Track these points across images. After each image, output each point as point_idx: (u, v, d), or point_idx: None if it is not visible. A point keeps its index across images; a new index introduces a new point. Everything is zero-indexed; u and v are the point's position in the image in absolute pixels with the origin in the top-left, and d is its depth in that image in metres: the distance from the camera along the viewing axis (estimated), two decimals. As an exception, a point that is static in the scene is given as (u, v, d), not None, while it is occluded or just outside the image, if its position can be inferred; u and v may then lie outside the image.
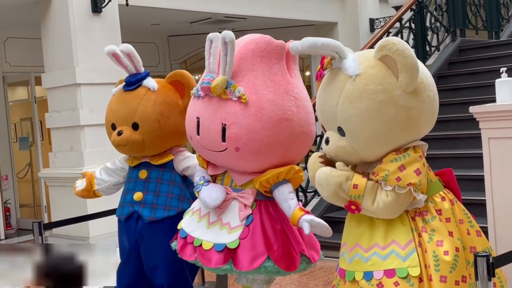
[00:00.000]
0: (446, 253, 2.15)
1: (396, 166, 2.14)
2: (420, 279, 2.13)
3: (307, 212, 2.58)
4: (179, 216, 3.10)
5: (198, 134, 2.73)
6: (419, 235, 2.20)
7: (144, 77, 3.17)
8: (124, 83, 3.22)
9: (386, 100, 2.12)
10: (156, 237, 3.13)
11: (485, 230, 3.83)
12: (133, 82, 3.16)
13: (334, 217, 5.35)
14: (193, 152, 3.12)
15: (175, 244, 2.87)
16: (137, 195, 3.13)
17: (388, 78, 2.14)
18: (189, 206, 3.13)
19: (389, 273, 2.15)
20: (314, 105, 2.51)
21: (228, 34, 2.54)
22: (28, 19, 7.23)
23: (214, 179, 2.87)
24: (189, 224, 2.82)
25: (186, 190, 3.21)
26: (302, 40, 2.21)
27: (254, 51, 2.65)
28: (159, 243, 3.12)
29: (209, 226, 2.73)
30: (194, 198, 3.22)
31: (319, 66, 2.38)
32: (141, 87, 3.14)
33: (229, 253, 2.63)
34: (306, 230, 2.49)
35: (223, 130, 2.61)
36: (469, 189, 4.82)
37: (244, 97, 2.57)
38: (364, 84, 2.14)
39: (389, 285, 2.13)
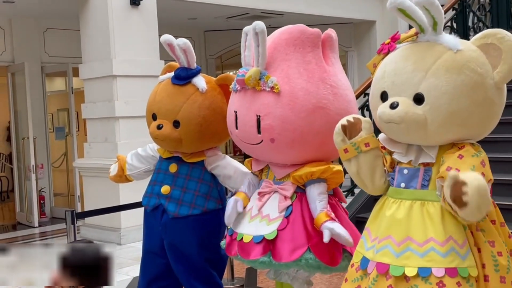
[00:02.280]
0: (499, 254, 2.08)
1: (478, 161, 2.07)
2: (476, 280, 2.06)
3: (332, 219, 2.52)
4: (204, 215, 3.08)
5: (236, 128, 2.71)
6: (472, 234, 2.12)
7: (195, 74, 3.08)
8: (173, 75, 3.13)
9: (480, 83, 2.08)
10: (179, 234, 3.10)
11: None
12: (183, 77, 3.07)
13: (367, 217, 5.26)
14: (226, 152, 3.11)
15: (223, 243, 2.86)
16: (165, 189, 3.11)
17: (487, 65, 2.10)
18: (216, 206, 3.13)
19: (451, 272, 2.04)
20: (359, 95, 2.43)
21: (259, 24, 2.50)
22: (67, 10, 7.32)
23: (260, 174, 2.85)
24: (236, 221, 2.81)
25: (215, 189, 3.17)
26: None
27: (288, 40, 2.61)
28: (181, 240, 3.10)
29: (250, 220, 2.70)
30: (222, 197, 3.20)
31: (388, 40, 2.29)
32: (190, 84, 3.06)
33: (268, 245, 2.58)
34: (325, 238, 2.46)
35: (258, 122, 2.58)
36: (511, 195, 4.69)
37: (276, 87, 2.53)
38: (466, 60, 2.09)
39: (452, 285, 2.03)
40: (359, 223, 2.45)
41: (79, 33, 6.82)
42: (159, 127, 3.04)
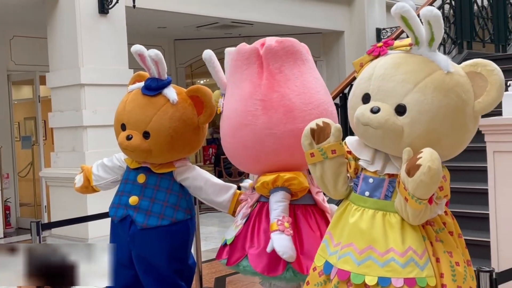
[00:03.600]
0: (457, 264, 2.13)
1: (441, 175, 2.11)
2: None
3: (279, 230, 2.57)
4: (173, 226, 3.07)
5: None
6: (431, 244, 2.16)
7: (165, 85, 3.07)
8: (143, 85, 3.10)
9: (462, 109, 2.12)
10: (148, 245, 3.07)
11: (487, 245, 3.82)
12: (154, 88, 3.05)
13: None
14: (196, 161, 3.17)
15: (224, 262, 2.83)
16: (133, 199, 3.08)
17: (470, 93, 2.15)
18: (184, 216, 3.13)
19: (410, 282, 2.09)
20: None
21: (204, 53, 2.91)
22: (35, 18, 7.24)
23: None
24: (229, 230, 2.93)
25: (183, 199, 3.16)
26: (432, 9, 2.09)
27: (232, 62, 2.82)
28: (150, 251, 3.07)
29: (235, 228, 2.88)
30: (190, 207, 3.19)
31: (381, 43, 2.30)
32: (161, 95, 3.04)
33: (228, 249, 2.79)
34: (268, 247, 2.59)
35: None
36: (473, 203, 4.79)
37: (219, 109, 2.90)
38: (454, 83, 2.12)
39: None
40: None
41: (47, 41, 6.75)
42: (129, 137, 3.01)
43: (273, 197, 2.67)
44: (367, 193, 2.25)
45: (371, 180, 2.25)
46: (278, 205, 2.64)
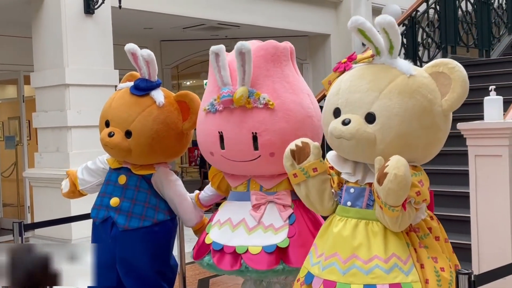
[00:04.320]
0: (442, 269, 2.16)
1: (417, 180, 2.14)
2: None
3: None
4: (154, 227, 3.08)
5: (222, 148, 2.75)
6: (415, 250, 2.19)
7: (154, 87, 3.08)
8: (132, 84, 3.11)
9: (429, 109, 2.17)
10: (130, 246, 3.07)
11: (468, 247, 3.86)
12: (142, 88, 3.06)
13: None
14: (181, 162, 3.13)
15: (209, 259, 2.83)
16: (114, 201, 3.07)
17: (436, 92, 2.20)
18: (165, 217, 3.12)
19: (395, 287, 2.12)
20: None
21: (245, 45, 2.61)
22: (19, 17, 7.17)
23: (234, 188, 2.95)
24: (221, 235, 2.83)
25: (162, 201, 3.17)
26: (385, 16, 2.14)
27: (265, 57, 2.72)
28: (132, 252, 3.07)
29: (250, 231, 2.77)
30: (169, 208, 3.19)
31: (345, 59, 2.38)
32: (148, 96, 3.05)
33: (279, 254, 2.69)
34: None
35: (254, 138, 2.67)
36: (454, 206, 4.84)
37: (270, 103, 2.65)
38: (418, 86, 2.17)
39: None
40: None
41: (31, 40, 6.70)
42: (110, 134, 3.01)
43: None
44: (349, 203, 2.30)
45: (352, 190, 2.30)
46: None
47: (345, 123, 2.18)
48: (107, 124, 3.08)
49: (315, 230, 2.69)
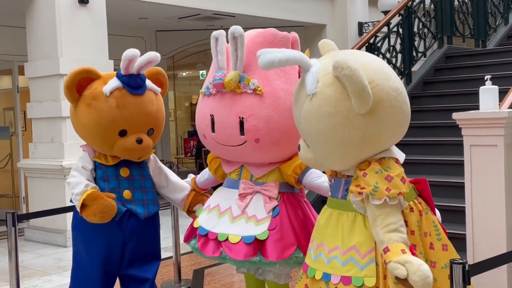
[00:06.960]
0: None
1: (382, 177, 2.09)
2: None
3: None
4: (160, 210, 3.15)
5: (213, 131, 2.75)
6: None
7: (145, 79, 3.03)
8: (129, 86, 2.95)
9: (340, 122, 2.09)
10: (149, 232, 3.12)
11: (463, 237, 3.87)
12: (141, 85, 2.98)
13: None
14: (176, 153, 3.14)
15: (194, 243, 2.85)
16: (126, 193, 3.04)
17: (342, 100, 2.08)
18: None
19: (346, 280, 2.15)
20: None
21: (237, 29, 2.59)
22: (13, 7, 7.13)
23: (228, 174, 2.94)
24: (208, 221, 2.83)
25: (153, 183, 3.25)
26: (260, 58, 2.17)
27: (262, 43, 2.68)
28: (152, 237, 3.14)
29: (233, 220, 2.76)
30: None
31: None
32: (148, 89, 3.02)
33: (257, 245, 2.66)
34: None
35: (241, 123, 2.66)
36: (449, 196, 4.84)
37: (259, 89, 2.64)
38: (318, 105, 2.12)
39: None
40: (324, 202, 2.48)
41: (25, 30, 6.65)
42: (140, 141, 2.96)
43: (313, 170, 2.74)
44: (329, 193, 2.38)
45: (332, 181, 2.36)
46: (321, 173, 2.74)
47: (299, 148, 2.33)
48: (123, 133, 2.96)
49: (298, 227, 2.69)
